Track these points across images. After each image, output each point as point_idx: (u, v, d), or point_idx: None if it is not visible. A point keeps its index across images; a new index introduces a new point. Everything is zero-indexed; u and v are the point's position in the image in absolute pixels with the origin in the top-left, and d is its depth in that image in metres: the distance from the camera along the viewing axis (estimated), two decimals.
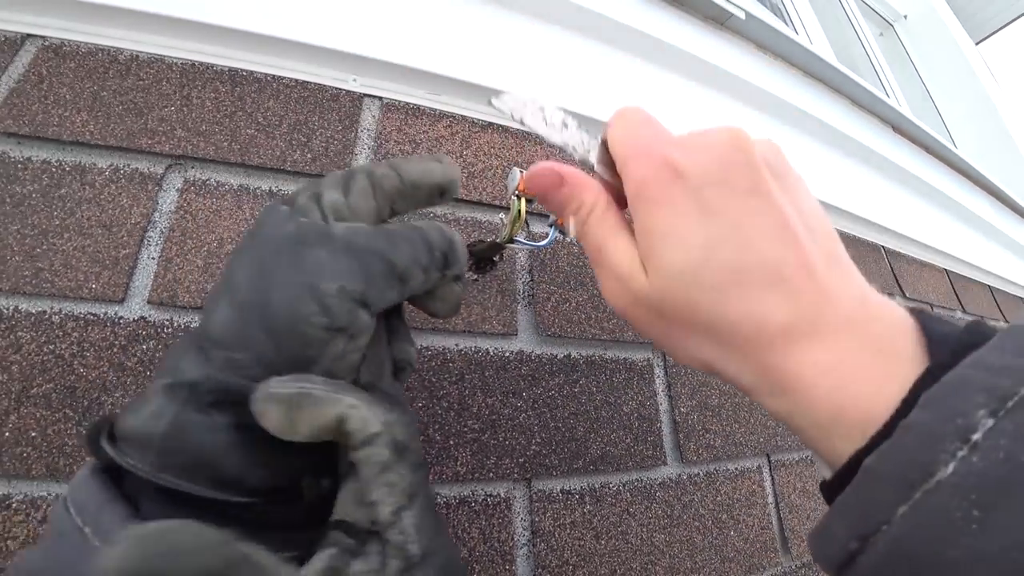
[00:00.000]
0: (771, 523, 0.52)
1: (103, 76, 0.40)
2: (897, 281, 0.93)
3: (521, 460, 0.39)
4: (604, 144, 0.25)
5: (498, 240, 0.34)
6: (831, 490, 0.17)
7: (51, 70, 0.39)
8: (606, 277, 0.23)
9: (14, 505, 0.30)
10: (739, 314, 0.19)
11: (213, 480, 0.19)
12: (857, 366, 0.18)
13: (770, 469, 0.56)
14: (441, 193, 0.26)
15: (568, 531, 0.40)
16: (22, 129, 0.36)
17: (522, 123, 0.26)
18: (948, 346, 0.17)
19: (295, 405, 0.18)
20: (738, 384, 0.20)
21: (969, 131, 1.69)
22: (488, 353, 0.42)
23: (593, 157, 0.25)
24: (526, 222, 0.47)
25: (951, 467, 0.13)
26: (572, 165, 0.25)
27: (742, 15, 0.75)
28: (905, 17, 1.97)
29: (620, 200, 0.24)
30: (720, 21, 0.77)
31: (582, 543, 0.40)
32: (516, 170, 0.31)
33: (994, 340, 0.16)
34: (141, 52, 0.41)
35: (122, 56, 0.41)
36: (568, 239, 0.49)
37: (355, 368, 0.22)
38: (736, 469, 0.52)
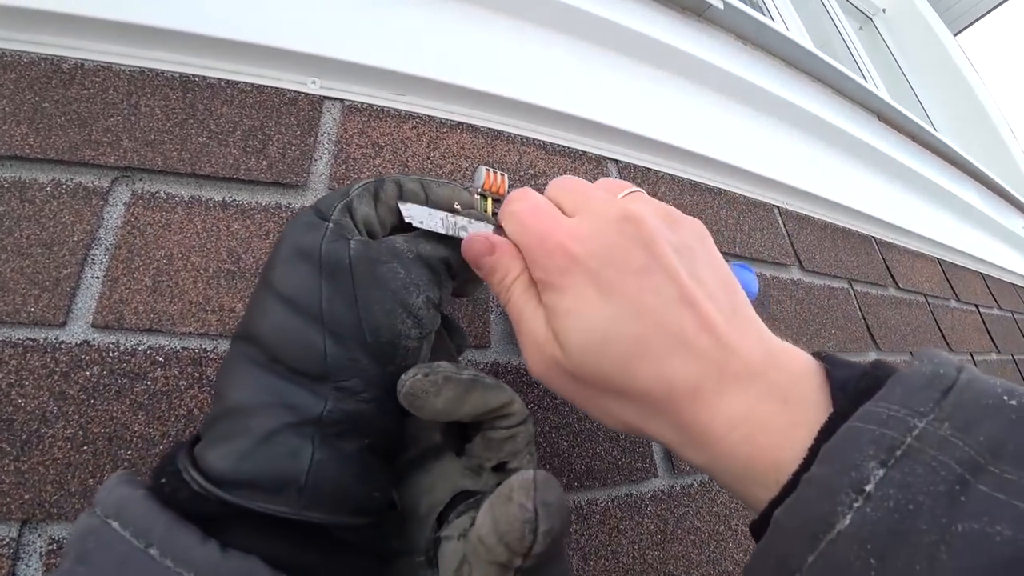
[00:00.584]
0: None
1: (45, 86, 0.37)
2: (890, 272, 0.91)
3: None
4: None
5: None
6: (757, 533, 0.18)
7: None
8: (525, 344, 0.24)
9: None
10: (648, 380, 0.20)
11: (352, 509, 0.20)
12: (765, 416, 0.18)
13: None
14: None
15: None
16: None
17: (421, 225, 0.26)
18: (847, 393, 0.18)
19: (469, 388, 0.22)
20: (661, 440, 0.21)
21: (952, 121, 1.69)
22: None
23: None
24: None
25: (848, 519, 0.14)
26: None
27: (720, 5, 0.74)
28: (884, 11, 1.98)
29: None
30: (698, 12, 0.76)
31: (569, 565, 0.37)
32: (482, 168, 0.30)
33: (883, 390, 0.16)
34: (87, 60, 0.39)
35: (66, 65, 0.39)
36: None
37: (427, 360, 0.25)
38: None
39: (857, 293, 0.81)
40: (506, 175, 0.31)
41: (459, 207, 0.28)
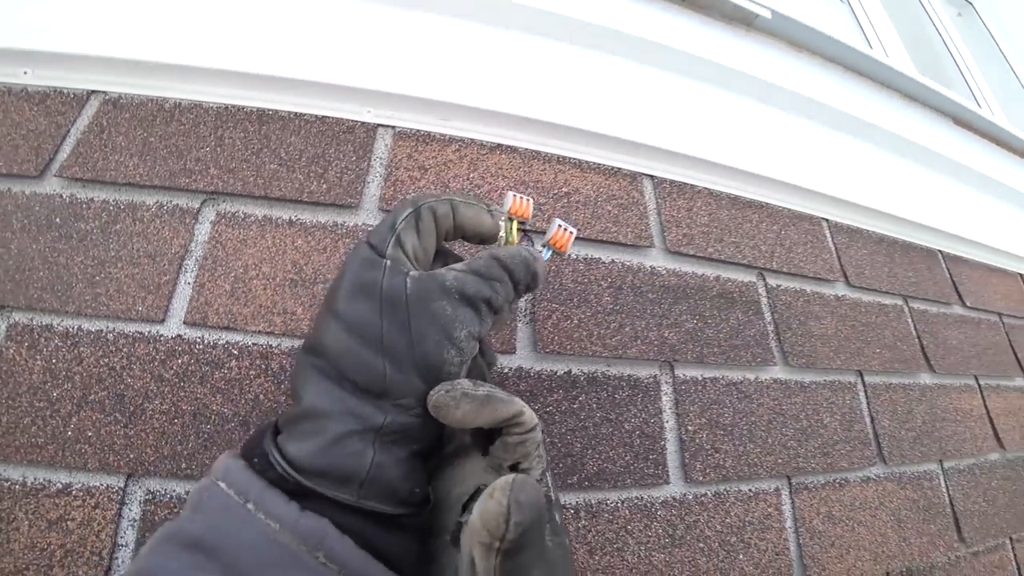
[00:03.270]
0: (788, 548, 0.51)
1: (151, 123, 0.45)
2: (956, 289, 0.86)
3: None
4: None
5: None
6: None
7: (110, 121, 0.45)
8: None
9: (73, 492, 0.35)
10: None
11: (398, 501, 0.25)
12: None
13: (791, 492, 0.54)
14: (481, 241, 0.32)
15: None
16: (86, 175, 0.43)
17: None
18: None
19: (484, 403, 0.25)
20: None
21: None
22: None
23: None
24: (524, 241, 0.48)
25: None
26: None
27: (768, 15, 0.72)
28: None
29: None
30: (747, 23, 0.75)
31: (574, 557, 0.41)
32: (510, 194, 0.33)
33: None
34: (183, 100, 0.47)
35: (167, 104, 0.46)
36: (564, 257, 0.50)
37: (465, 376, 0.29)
38: (749, 491, 0.51)
39: (913, 311, 0.77)
40: (531, 199, 0.34)
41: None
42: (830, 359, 0.63)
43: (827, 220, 0.74)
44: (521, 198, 0.34)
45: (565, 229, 0.35)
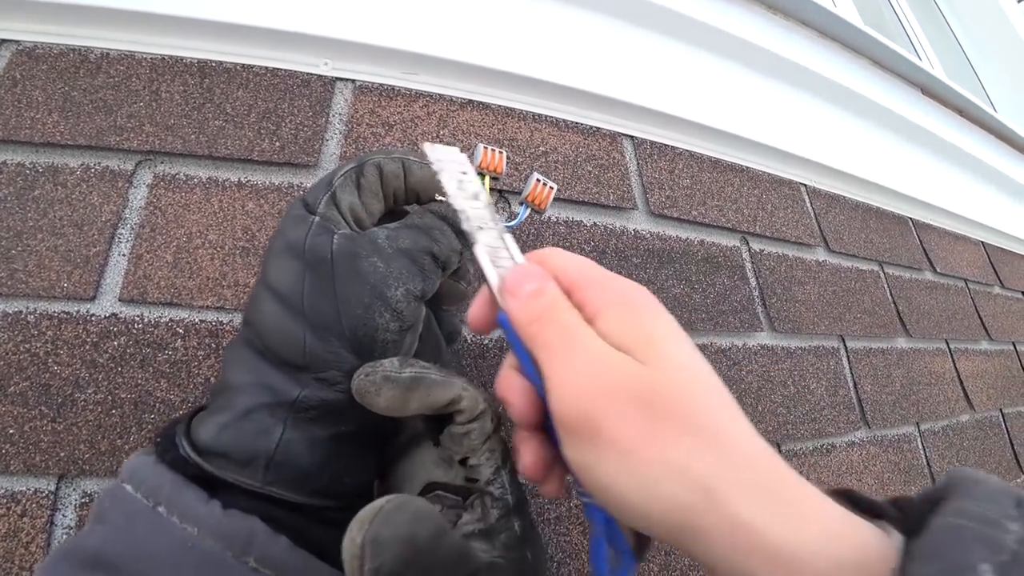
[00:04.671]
0: None
1: (74, 76, 0.40)
2: (927, 256, 0.87)
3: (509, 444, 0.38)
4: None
5: None
6: None
7: (24, 73, 0.39)
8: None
9: None
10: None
11: (312, 491, 0.21)
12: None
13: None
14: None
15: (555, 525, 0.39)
16: None
17: (439, 175, 0.25)
18: (890, 507, 0.16)
19: (410, 387, 0.21)
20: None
21: (1010, 95, 1.57)
22: (467, 341, 0.41)
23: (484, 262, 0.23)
24: (498, 202, 0.45)
25: None
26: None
27: None
28: None
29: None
30: None
31: (567, 540, 0.38)
32: (480, 146, 0.30)
33: (960, 491, 0.15)
34: (111, 49, 0.41)
35: (92, 55, 0.41)
36: (543, 216, 0.47)
37: (413, 351, 0.25)
38: None
39: (888, 276, 0.78)
40: (504, 152, 0.31)
41: (467, 175, 0.26)
42: (814, 324, 0.62)
43: (805, 185, 0.73)
44: (493, 151, 0.30)
45: (544, 184, 0.31)
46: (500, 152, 0.30)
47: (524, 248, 0.23)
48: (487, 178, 0.30)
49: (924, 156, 0.96)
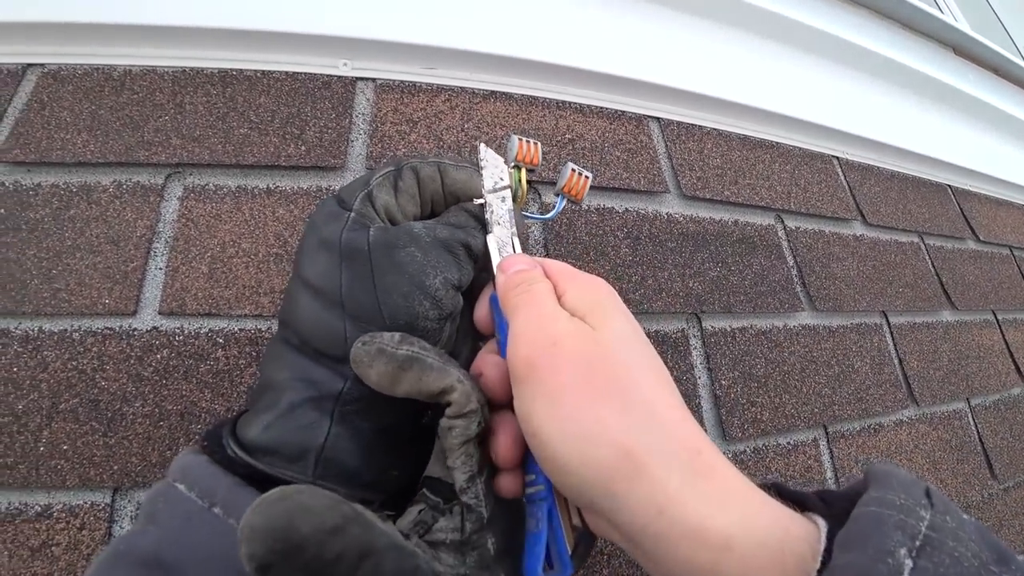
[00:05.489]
0: None
1: (99, 94, 0.40)
2: (969, 224, 0.83)
3: None
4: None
5: None
6: None
7: (51, 96, 0.39)
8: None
9: (55, 514, 0.31)
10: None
11: (362, 484, 0.22)
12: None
13: (828, 441, 0.51)
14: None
15: None
16: (29, 157, 0.37)
17: (482, 171, 0.28)
18: (819, 500, 0.17)
19: (403, 366, 0.20)
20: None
21: None
22: None
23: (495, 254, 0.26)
24: (530, 194, 0.44)
25: None
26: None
27: None
28: None
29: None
30: None
31: None
32: (514, 138, 0.29)
33: (878, 482, 0.16)
34: (133, 66, 0.41)
35: (116, 72, 0.41)
36: (579, 207, 0.46)
37: (452, 342, 0.25)
38: (788, 443, 0.48)
39: (929, 247, 0.74)
40: (539, 143, 0.30)
41: (503, 179, 0.27)
42: (855, 301, 0.60)
43: (838, 158, 0.70)
44: (528, 142, 0.29)
45: (580, 173, 0.30)
46: (535, 144, 0.30)
47: (557, 236, 0.23)
48: (523, 170, 0.29)
49: (960, 119, 0.92)
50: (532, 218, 0.31)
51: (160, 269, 0.36)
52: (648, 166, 0.51)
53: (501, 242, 0.26)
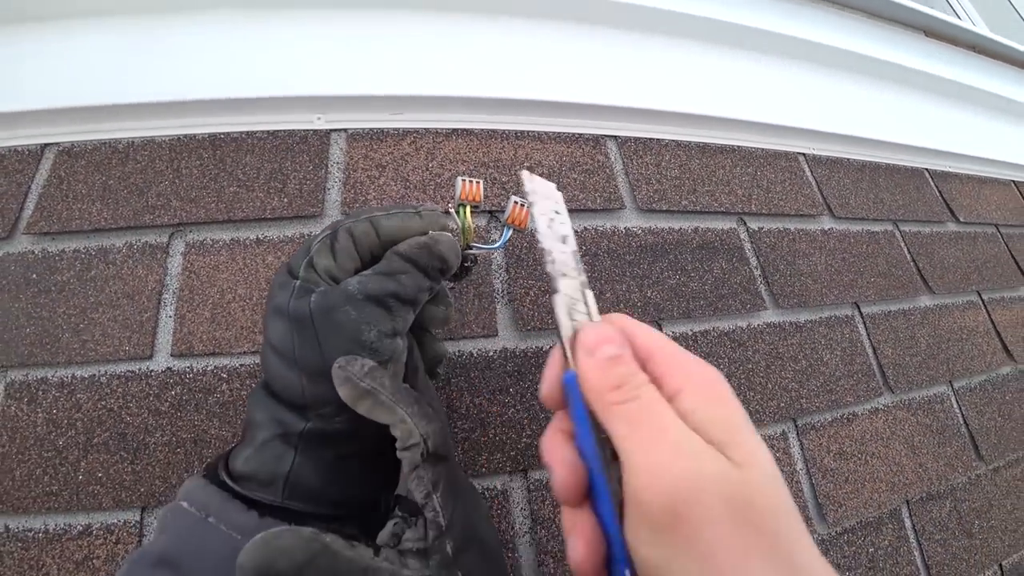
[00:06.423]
0: (802, 491, 0.51)
1: (108, 166, 0.46)
2: (948, 206, 0.84)
3: (512, 453, 0.42)
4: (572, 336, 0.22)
5: None
6: None
7: (67, 171, 0.45)
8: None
9: (94, 532, 0.37)
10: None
11: (325, 503, 0.26)
12: None
13: (797, 433, 0.54)
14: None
15: None
16: (53, 227, 0.43)
17: (531, 207, 0.26)
18: None
19: (361, 396, 0.25)
20: None
21: (1005, 13, 1.46)
22: (472, 355, 0.44)
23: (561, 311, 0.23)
24: (478, 226, 0.48)
25: None
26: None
27: None
28: None
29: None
30: None
31: None
32: (459, 179, 0.34)
33: None
34: (135, 137, 0.47)
35: (120, 144, 0.47)
36: (524, 232, 0.50)
37: (401, 377, 0.29)
38: None
39: (905, 234, 0.76)
40: (481, 181, 0.34)
41: (559, 215, 0.27)
42: (823, 295, 0.63)
43: (804, 155, 0.73)
44: (470, 182, 0.34)
45: (521, 205, 0.34)
46: (477, 182, 0.34)
47: (517, 260, 0.27)
48: (467, 207, 0.33)
49: (936, 102, 0.93)
50: (480, 248, 0.35)
51: (170, 317, 0.42)
52: (604, 184, 0.55)
53: (571, 301, 0.23)
